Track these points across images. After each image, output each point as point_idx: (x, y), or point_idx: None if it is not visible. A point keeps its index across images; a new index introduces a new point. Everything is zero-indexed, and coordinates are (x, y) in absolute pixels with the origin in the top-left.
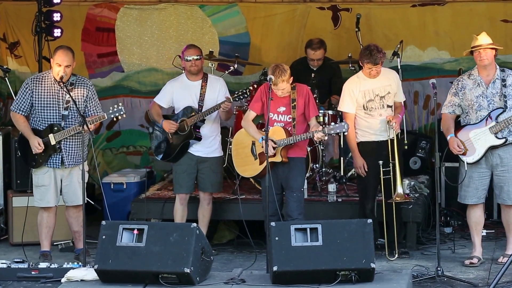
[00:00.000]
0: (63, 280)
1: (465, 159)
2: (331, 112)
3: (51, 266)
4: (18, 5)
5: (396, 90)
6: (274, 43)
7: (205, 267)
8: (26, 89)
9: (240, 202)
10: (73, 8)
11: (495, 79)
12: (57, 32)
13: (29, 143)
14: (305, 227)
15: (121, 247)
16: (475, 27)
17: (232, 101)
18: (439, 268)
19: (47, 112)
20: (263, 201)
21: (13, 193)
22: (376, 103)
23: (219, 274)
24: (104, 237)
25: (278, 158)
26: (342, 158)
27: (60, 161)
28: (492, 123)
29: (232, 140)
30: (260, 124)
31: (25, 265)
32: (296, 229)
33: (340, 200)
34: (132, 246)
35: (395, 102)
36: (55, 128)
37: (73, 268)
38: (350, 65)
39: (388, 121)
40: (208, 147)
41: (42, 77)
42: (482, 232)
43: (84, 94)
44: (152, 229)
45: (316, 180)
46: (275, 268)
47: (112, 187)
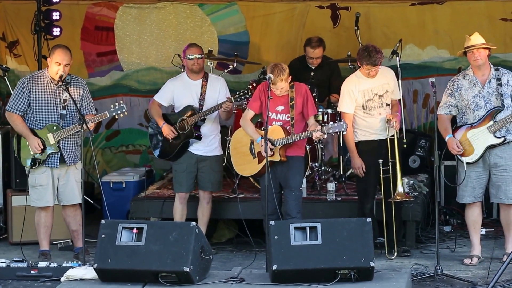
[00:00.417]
0: (62, 279)
1: (464, 159)
2: (330, 111)
3: (50, 265)
4: (17, 4)
5: (393, 88)
6: (273, 42)
7: (204, 266)
8: (23, 88)
9: (239, 201)
10: (72, 7)
11: (490, 79)
12: (56, 31)
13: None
14: (304, 226)
15: (121, 246)
16: (474, 25)
17: (234, 101)
18: (438, 267)
19: (45, 112)
20: (262, 200)
21: (12, 192)
22: (375, 102)
23: (219, 273)
24: (103, 236)
25: (276, 157)
26: (341, 157)
27: (58, 160)
28: (490, 123)
29: (231, 139)
30: (258, 123)
31: (25, 264)
32: (296, 228)
33: (339, 199)
34: (131, 245)
35: (391, 99)
36: (54, 127)
37: (73, 267)
38: (349, 64)
39: (388, 120)
40: (208, 146)
41: (37, 77)
42: (482, 231)
43: (80, 93)
44: (151, 228)
45: (315, 179)
46: (274, 267)
47: (111, 186)
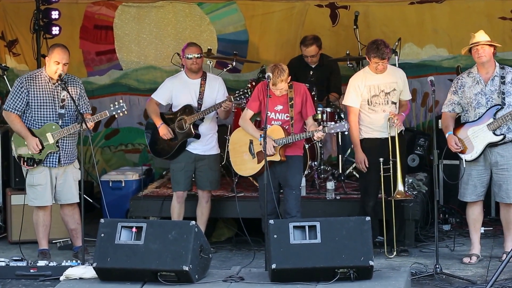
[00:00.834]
0: (61, 278)
1: (464, 157)
2: (329, 110)
3: (49, 264)
4: (16, 3)
5: (402, 88)
6: (273, 41)
7: (203, 265)
8: (21, 88)
9: (238, 200)
10: (71, 6)
11: (494, 77)
12: (55, 30)
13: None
14: (303, 225)
15: (120, 245)
16: (473, 24)
17: (233, 100)
18: (437, 266)
19: (44, 111)
20: (261, 199)
21: (11, 191)
22: (380, 98)
23: (218, 272)
24: (102, 235)
25: (276, 157)
26: (340, 156)
27: (57, 160)
28: (490, 120)
29: (229, 137)
30: (257, 122)
31: (24, 263)
32: (295, 227)
33: (338, 197)
34: (130, 244)
35: (401, 100)
36: (53, 127)
37: (72, 266)
38: (348, 63)
39: (390, 118)
40: (205, 145)
41: (35, 76)
42: (480, 230)
43: (77, 92)
44: (150, 227)
45: (314, 177)
46: (273, 265)
47: (110, 185)
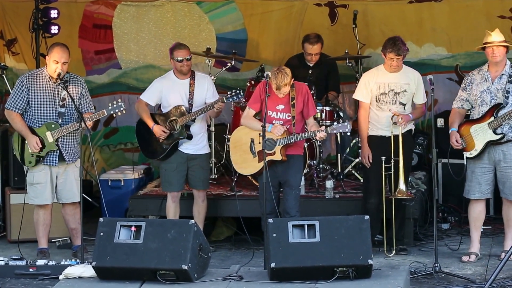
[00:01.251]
0: (61, 277)
1: (465, 154)
2: (328, 109)
3: (49, 263)
4: (15, 2)
5: (414, 90)
6: (271, 40)
7: (203, 264)
8: (22, 86)
9: (238, 199)
10: (70, 5)
11: (501, 75)
12: (54, 29)
13: (24, 142)
14: (302, 224)
15: (119, 244)
16: (472, 23)
17: (226, 101)
18: (436, 264)
19: (44, 110)
20: (261, 198)
21: (10, 190)
22: (388, 97)
23: (217, 271)
24: (101, 234)
25: (278, 156)
26: (339, 155)
27: (57, 158)
28: (491, 119)
29: (229, 136)
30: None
31: (23, 262)
32: (294, 226)
33: (337, 196)
34: (130, 243)
35: (414, 103)
36: (53, 125)
37: (71, 265)
38: (347, 61)
39: (393, 116)
40: (197, 144)
41: (36, 75)
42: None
43: (79, 91)
44: (149, 226)
45: (313, 176)
46: (272, 264)
47: (109, 184)
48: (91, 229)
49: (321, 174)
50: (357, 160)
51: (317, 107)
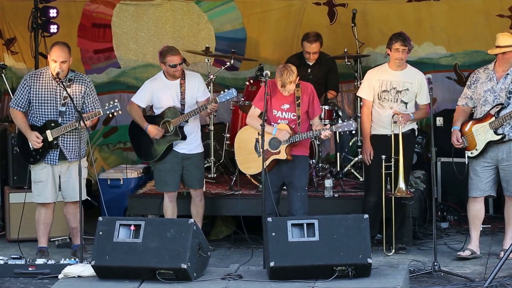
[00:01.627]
0: (60, 276)
1: (467, 153)
2: (327, 107)
3: (48, 262)
4: (14, 2)
5: (417, 90)
6: (271, 39)
7: (202, 263)
8: (24, 85)
9: (237, 198)
10: (69, 4)
11: (506, 75)
12: (53, 28)
13: (27, 139)
14: (301, 223)
15: (118, 243)
16: (470, 22)
17: (219, 101)
18: (435, 263)
19: (45, 108)
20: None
21: (10, 189)
22: (390, 95)
23: (216, 270)
24: (101, 233)
25: (282, 155)
26: (338, 154)
27: (57, 157)
28: (492, 119)
29: (228, 135)
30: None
31: (22, 261)
32: (293, 225)
33: (336, 195)
34: (129, 242)
35: (418, 104)
36: (52, 124)
37: (70, 264)
38: (346, 60)
39: (394, 115)
40: (191, 143)
41: (40, 73)
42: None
43: (82, 90)
44: (149, 225)
45: (312, 175)
46: (272, 263)
47: (109, 183)
48: (91, 228)
49: (320, 173)
50: (356, 159)
51: None
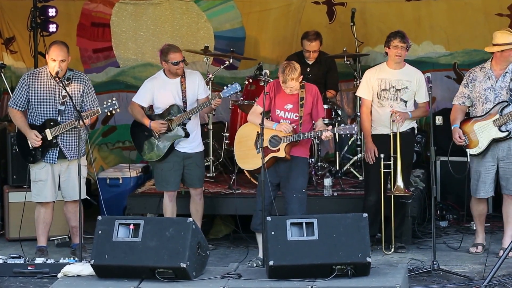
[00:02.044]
0: (59, 275)
1: (469, 151)
2: (326, 107)
3: (47, 261)
4: (13, 1)
5: (416, 89)
6: (270, 38)
7: (201, 262)
8: (22, 84)
9: (236, 197)
10: (68, 4)
11: (505, 73)
12: (52, 28)
13: (26, 139)
14: (301, 222)
15: (117, 242)
16: (470, 21)
17: (223, 96)
18: (434, 262)
19: (44, 107)
20: (258, 195)
21: (9, 189)
22: (390, 94)
23: (215, 269)
24: (100, 232)
25: (281, 153)
26: (337, 153)
27: (56, 156)
28: (497, 116)
29: (227, 135)
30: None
31: (22, 261)
32: (292, 224)
33: (336, 194)
34: (128, 241)
35: (418, 102)
36: (51, 123)
37: (70, 263)
38: (345, 60)
39: (392, 114)
40: (192, 142)
41: (38, 73)
42: None
43: (81, 89)
44: (148, 224)
45: (312, 174)
46: (271, 262)
47: (108, 182)
48: (90, 227)
49: (320, 172)
50: (356, 158)
51: None
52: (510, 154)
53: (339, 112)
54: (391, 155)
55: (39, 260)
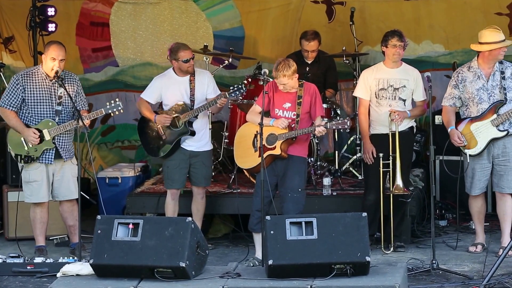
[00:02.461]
0: (58, 274)
1: (467, 152)
2: (325, 106)
3: (46, 261)
4: (12, 0)
5: (413, 87)
6: (269, 37)
7: (200, 261)
8: (17, 85)
9: (235, 196)
10: (67, 3)
11: (494, 72)
12: (51, 27)
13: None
14: (300, 221)
15: (117, 242)
16: (469, 20)
17: (228, 96)
18: (434, 261)
19: (41, 108)
20: (255, 196)
21: (8, 188)
22: (388, 93)
23: (215, 268)
24: (99, 231)
25: (277, 151)
26: (337, 152)
27: (53, 156)
28: (494, 116)
29: (227, 134)
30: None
31: (21, 260)
32: (291, 223)
33: (335, 193)
34: (127, 240)
35: (415, 101)
36: (50, 123)
37: (69, 263)
38: (344, 59)
39: (390, 113)
40: (199, 141)
41: (32, 73)
42: None
43: (74, 89)
44: (147, 223)
45: (311, 173)
46: (270, 261)
47: (107, 182)
48: (89, 227)
49: (319, 172)
50: (355, 157)
51: None
52: (505, 151)
53: (338, 112)
54: (390, 154)
55: (38, 260)
